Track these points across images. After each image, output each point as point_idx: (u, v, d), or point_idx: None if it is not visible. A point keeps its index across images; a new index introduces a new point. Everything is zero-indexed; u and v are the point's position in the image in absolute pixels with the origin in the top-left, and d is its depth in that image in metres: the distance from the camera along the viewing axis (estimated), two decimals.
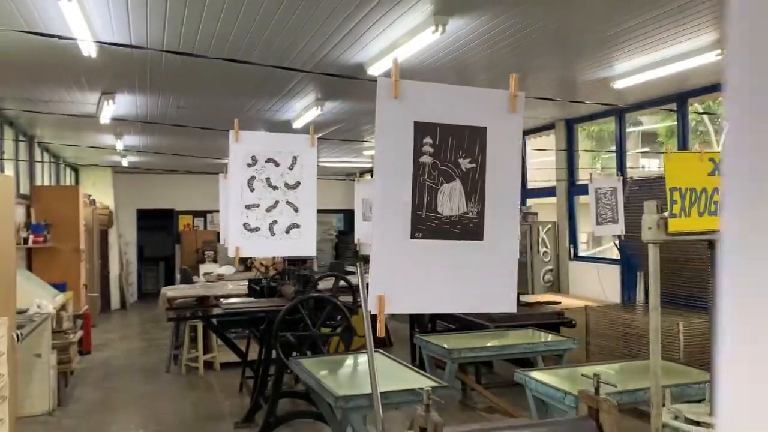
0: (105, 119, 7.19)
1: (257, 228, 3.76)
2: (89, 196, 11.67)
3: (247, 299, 6.72)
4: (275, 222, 3.78)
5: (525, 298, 7.61)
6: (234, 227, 3.80)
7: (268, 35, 4.68)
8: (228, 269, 10.18)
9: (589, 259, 8.76)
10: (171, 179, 14.48)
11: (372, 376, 2.28)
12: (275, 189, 3.76)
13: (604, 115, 8.20)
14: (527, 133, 9.54)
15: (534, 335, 5.60)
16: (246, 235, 3.75)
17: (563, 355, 5.22)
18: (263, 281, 6.86)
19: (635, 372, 4.31)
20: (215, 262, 13.12)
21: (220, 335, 7.05)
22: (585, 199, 7.17)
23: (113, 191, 13.86)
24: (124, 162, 12.18)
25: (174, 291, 7.82)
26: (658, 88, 6.53)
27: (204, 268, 12.38)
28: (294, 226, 3.79)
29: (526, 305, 7.13)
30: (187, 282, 9.28)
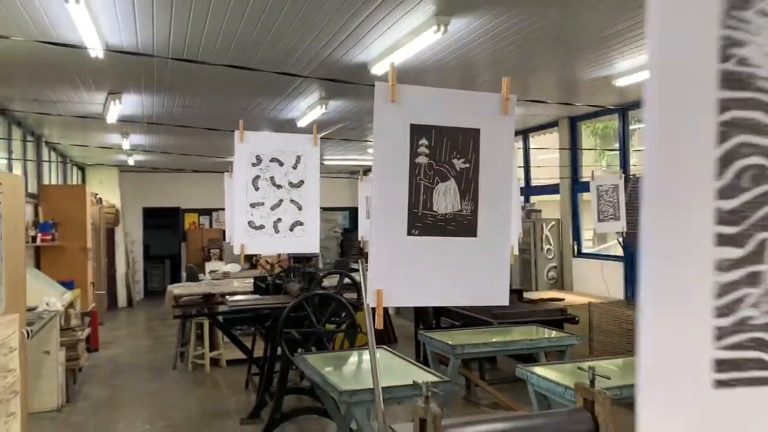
0: (111, 119, 7.25)
1: (262, 226, 3.83)
2: (96, 194, 11.76)
3: (253, 296, 6.78)
4: (279, 220, 3.85)
5: (529, 294, 7.64)
6: (239, 225, 3.87)
7: (273, 34, 4.73)
8: (233, 267, 10.24)
9: (593, 256, 8.78)
10: (176, 178, 14.54)
11: (373, 369, 2.34)
12: (279, 188, 3.83)
13: (607, 113, 8.22)
14: (531, 131, 9.58)
15: (537, 332, 5.63)
16: (251, 233, 3.82)
17: (566, 351, 5.26)
18: (268, 279, 6.90)
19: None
20: (221, 259, 13.16)
21: (226, 332, 7.10)
22: (589, 197, 7.20)
23: (119, 190, 13.93)
24: (130, 161, 12.24)
25: (180, 289, 7.88)
26: None
27: (210, 265, 12.41)
28: (298, 223, 3.86)
29: (529, 302, 7.18)
30: (193, 280, 9.33)
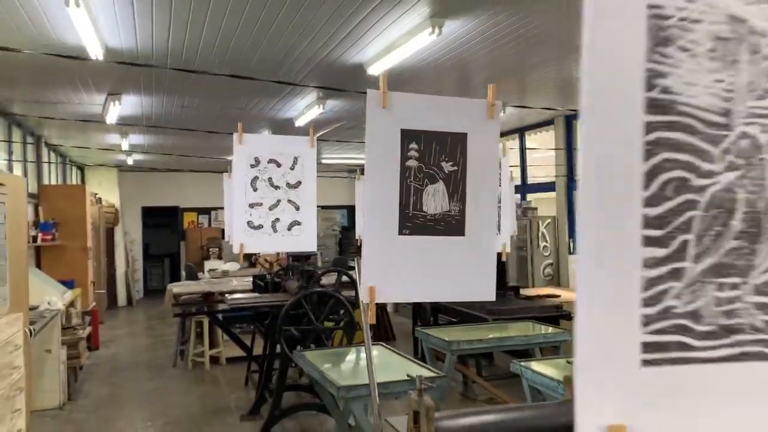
0: (111, 119, 7.31)
1: (260, 225, 3.91)
2: (95, 194, 11.80)
3: (252, 295, 6.82)
4: (277, 220, 3.93)
5: (525, 291, 7.71)
6: (238, 225, 3.95)
7: (271, 34, 4.77)
8: (232, 265, 10.29)
9: None
10: (175, 177, 14.57)
11: (369, 363, 2.41)
12: (277, 188, 3.91)
13: None
14: (527, 129, 9.64)
15: (533, 328, 5.71)
16: (250, 233, 3.91)
17: (560, 347, 5.34)
18: (267, 277, 6.94)
19: None
20: (220, 258, 13.19)
21: (225, 330, 7.16)
22: None
23: (119, 190, 13.98)
24: (129, 161, 12.28)
25: (180, 287, 7.92)
26: None
27: (209, 264, 12.43)
28: (295, 223, 3.94)
29: (525, 299, 7.25)
30: (193, 278, 9.37)
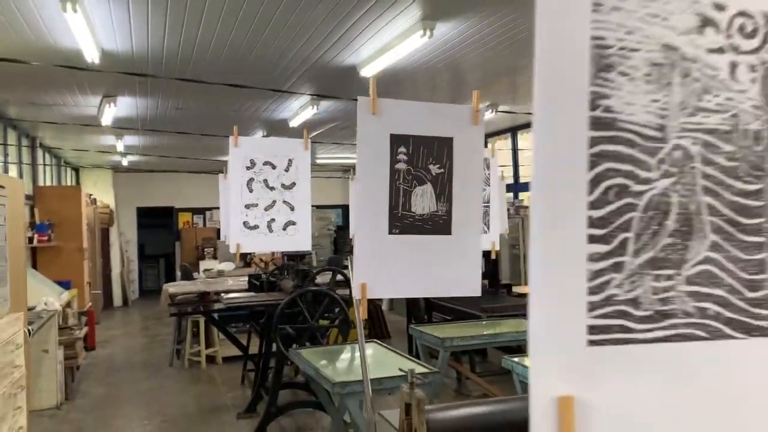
0: (106, 121, 7.35)
1: (256, 226, 3.99)
2: (90, 195, 11.83)
3: (248, 294, 6.86)
4: (273, 220, 4.01)
5: (517, 289, 7.80)
6: (234, 225, 4.03)
7: (265, 36, 4.83)
8: (228, 265, 10.32)
9: None
10: (170, 177, 14.56)
11: (362, 358, 2.49)
12: (272, 189, 4.00)
13: None
14: (519, 129, 9.73)
15: (525, 324, 5.78)
16: (246, 233, 3.99)
17: None
18: (263, 276, 6.98)
19: None
20: (215, 258, 13.21)
21: (221, 329, 7.20)
22: None
23: (113, 190, 14.00)
24: (124, 161, 12.31)
25: (176, 287, 7.95)
26: None
27: (204, 264, 12.47)
28: (290, 223, 4.03)
29: (518, 296, 7.34)
30: (188, 278, 9.38)
